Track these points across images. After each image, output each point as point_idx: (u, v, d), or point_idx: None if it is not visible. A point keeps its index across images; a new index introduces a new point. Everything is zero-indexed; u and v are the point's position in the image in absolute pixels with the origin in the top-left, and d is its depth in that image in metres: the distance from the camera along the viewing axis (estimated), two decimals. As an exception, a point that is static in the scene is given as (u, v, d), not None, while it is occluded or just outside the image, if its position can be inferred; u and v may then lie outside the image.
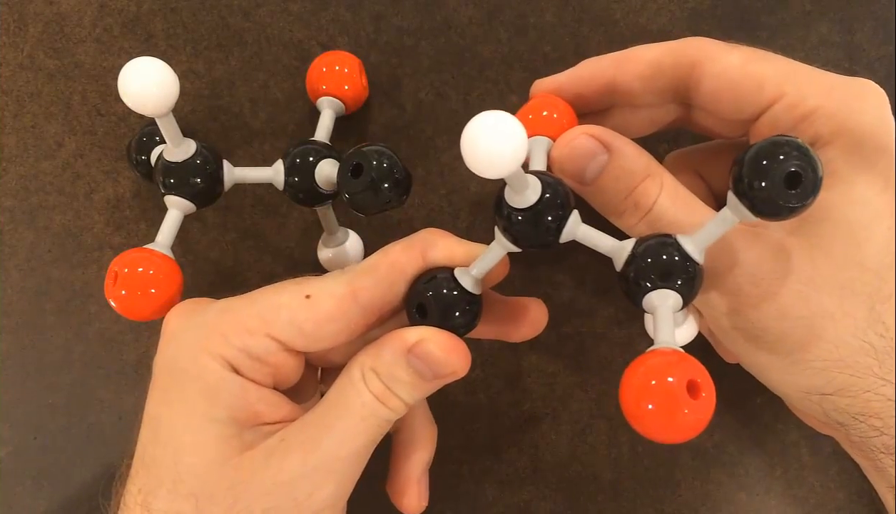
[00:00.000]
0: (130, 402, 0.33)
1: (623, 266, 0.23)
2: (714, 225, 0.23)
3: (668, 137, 0.31)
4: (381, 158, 0.24)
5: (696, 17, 0.30)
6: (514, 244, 0.23)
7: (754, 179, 0.21)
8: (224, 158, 0.27)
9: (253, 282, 0.32)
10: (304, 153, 0.27)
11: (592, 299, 0.32)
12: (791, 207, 0.21)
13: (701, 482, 0.32)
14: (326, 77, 0.30)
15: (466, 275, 0.24)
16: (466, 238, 0.32)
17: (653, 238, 0.23)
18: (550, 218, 0.22)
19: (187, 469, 0.22)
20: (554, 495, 0.33)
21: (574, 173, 0.24)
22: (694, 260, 0.22)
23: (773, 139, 0.21)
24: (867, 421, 0.23)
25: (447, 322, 0.24)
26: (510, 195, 0.22)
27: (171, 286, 0.25)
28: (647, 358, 0.20)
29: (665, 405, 0.19)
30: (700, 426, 0.19)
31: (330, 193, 0.27)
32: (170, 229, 0.26)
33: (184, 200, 0.26)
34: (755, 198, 0.21)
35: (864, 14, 0.30)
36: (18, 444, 0.33)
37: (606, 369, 0.32)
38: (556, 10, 0.31)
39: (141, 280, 0.24)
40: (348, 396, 0.23)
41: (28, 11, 0.32)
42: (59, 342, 0.33)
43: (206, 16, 0.31)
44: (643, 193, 0.24)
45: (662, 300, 0.22)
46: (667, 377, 0.19)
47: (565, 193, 0.23)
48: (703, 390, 0.19)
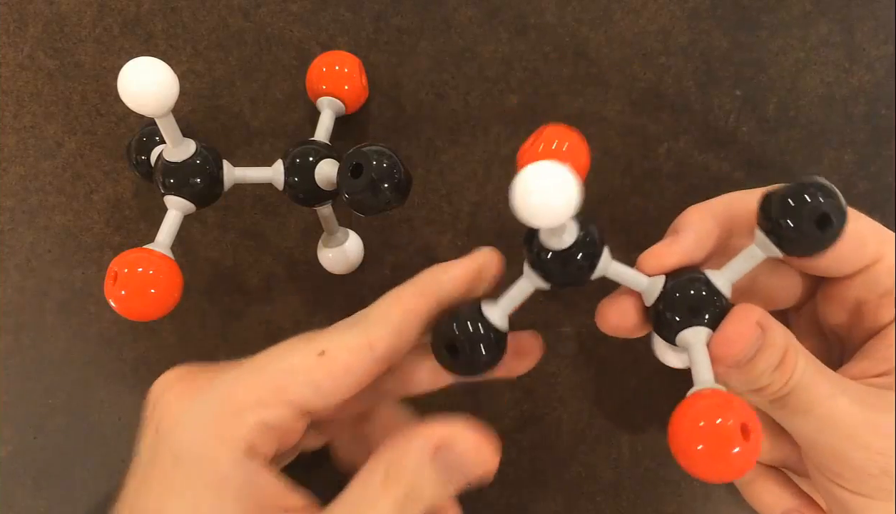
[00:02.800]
0: (130, 402, 0.33)
1: (654, 301, 0.23)
2: (742, 260, 0.23)
3: (668, 137, 0.31)
4: (381, 158, 0.24)
5: (696, 17, 0.30)
6: (545, 281, 0.23)
7: (785, 218, 0.22)
8: (224, 158, 0.27)
9: (253, 282, 0.32)
10: (303, 153, 0.27)
11: (592, 298, 0.32)
12: (821, 248, 0.22)
13: (701, 482, 0.32)
14: (326, 77, 0.30)
15: (494, 309, 0.24)
16: (466, 238, 0.32)
17: (684, 274, 0.23)
18: (585, 258, 0.22)
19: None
20: (554, 495, 0.33)
21: (738, 363, 0.23)
22: (723, 295, 0.23)
23: (802, 180, 0.22)
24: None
25: (477, 361, 0.23)
26: (547, 238, 0.22)
27: (170, 286, 0.25)
28: (697, 401, 0.20)
29: (720, 447, 0.19)
30: (750, 466, 0.20)
31: (330, 193, 0.27)
32: (170, 229, 0.26)
33: (183, 200, 0.26)
34: (784, 236, 0.22)
35: (864, 14, 0.30)
36: (18, 444, 0.33)
37: (606, 369, 0.32)
38: (556, 10, 0.31)
39: (141, 280, 0.24)
40: (369, 501, 0.21)
41: (28, 11, 0.32)
42: (59, 342, 0.33)
43: (206, 16, 0.31)
44: (788, 363, 0.23)
45: (697, 338, 0.23)
46: (726, 420, 0.19)
47: (599, 232, 0.23)
48: (752, 431, 0.20)
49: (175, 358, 0.33)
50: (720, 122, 0.31)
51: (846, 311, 0.26)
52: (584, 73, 0.31)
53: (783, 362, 0.23)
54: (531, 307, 0.32)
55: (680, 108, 0.31)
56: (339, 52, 0.31)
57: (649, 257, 0.24)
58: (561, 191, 0.19)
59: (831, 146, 0.31)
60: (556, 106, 0.31)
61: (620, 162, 0.31)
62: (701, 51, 0.31)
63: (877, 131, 0.31)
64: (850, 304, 0.26)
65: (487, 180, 0.32)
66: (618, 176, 0.31)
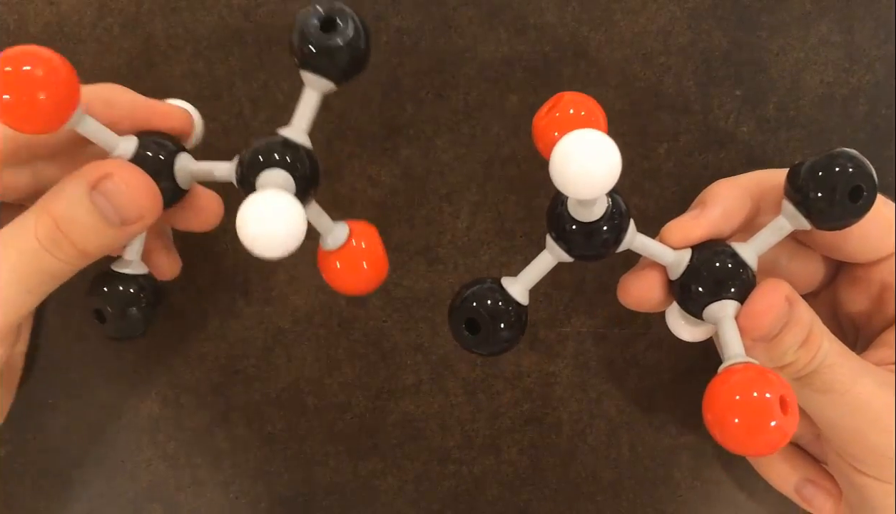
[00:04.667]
0: (130, 402, 0.33)
1: (680, 275, 0.23)
2: (769, 233, 0.23)
3: (668, 137, 0.31)
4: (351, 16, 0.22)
5: (696, 17, 0.30)
6: (569, 254, 0.23)
7: (817, 190, 0.21)
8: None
9: (253, 282, 0.32)
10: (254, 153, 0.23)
11: (592, 299, 0.32)
12: (852, 220, 0.21)
13: (701, 482, 0.32)
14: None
15: (515, 285, 0.23)
16: (466, 238, 0.32)
17: (709, 247, 0.23)
18: (612, 231, 0.22)
19: None
20: (554, 495, 0.33)
21: (766, 337, 0.23)
22: (750, 268, 0.23)
23: (832, 152, 0.22)
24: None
25: (499, 338, 0.22)
26: (576, 209, 0.22)
27: (64, 89, 0.20)
28: (731, 374, 0.20)
29: (758, 420, 0.19)
30: (787, 439, 0.19)
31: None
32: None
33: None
34: (813, 208, 0.21)
35: (864, 14, 0.30)
36: (18, 444, 0.33)
37: (606, 369, 0.32)
38: (556, 10, 0.31)
39: (27, 82, 0.20)
40: (15, 238, 0.21)
41: (28, 11, 0.32)
42: (59, 342, 0.33)
43: (206, 16, 0.31)
44: (813, 341, 0.23)
45: (725, 311, 0.22)
46: (763, 393, 0.19)
47: (625, 204, 0.22)
48: (790, 404, 0.19)
49: (175, 358, 0.33)
50: (720, 122, 0.31)
51: (868, 298, 0.26)
52: (584, 73, 0.31)
53: (808, 339, 0.23)
54: (530, 307, 0.32)
55: (680, 108, 0.31)
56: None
57: (675, 229, 0.24)
58: (604, 161, 0.18)
59: (831, 146, 0.31)
60: (556, 106, 0.31)
61: (620, 162, 0.31)
62: (701, 51, 0.31)
63: (877, 131, 0.31)
64: (873, 290, 0.26)
65: (487, 180, 0.32)
66: (618, 176, 0.31)
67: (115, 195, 0.21)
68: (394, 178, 0.32)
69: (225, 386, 0.33)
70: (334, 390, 0.33)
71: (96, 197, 0.21)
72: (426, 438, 0.33)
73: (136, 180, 0.21)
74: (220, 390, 0.33)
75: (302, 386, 0.33)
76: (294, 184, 0.22)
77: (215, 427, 0.33)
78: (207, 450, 0.33)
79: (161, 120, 0.24)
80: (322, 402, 0.33)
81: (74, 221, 0.21)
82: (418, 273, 0.32)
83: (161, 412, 0.33)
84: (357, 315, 0.32)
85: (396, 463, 0.33)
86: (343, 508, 0.33)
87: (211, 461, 0.33)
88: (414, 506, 0.33)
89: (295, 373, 0.33)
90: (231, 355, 0.33)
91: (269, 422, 0.33)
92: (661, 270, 0.24)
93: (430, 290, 0.32)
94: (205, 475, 0.33)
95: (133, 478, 0.33)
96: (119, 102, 0.23)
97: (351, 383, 0.33)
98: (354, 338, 0.32)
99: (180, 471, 0.33)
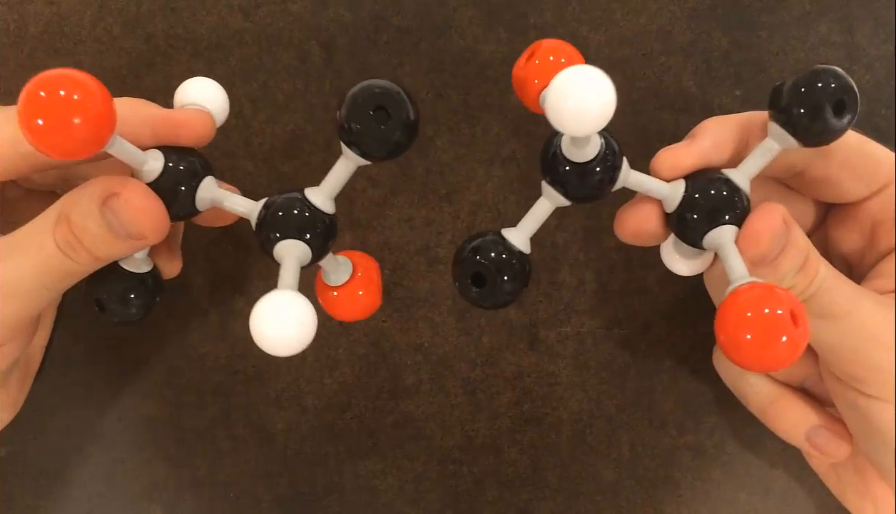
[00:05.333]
0: (130, 402, 0.33)
1: (677, 207, 0.23)
2: (758, 155, 0.23)
3: (668, 137, 0.31)
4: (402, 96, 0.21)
5: (696, 16, 0.30)
6: (565, 197, 0.22)
7: (800, 107, 0.22)
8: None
9: (254, 283, 0.32)
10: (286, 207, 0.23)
11: (592, 299, 0.32)
12: (839, 132, 0.22)
13: (701, 482, 0.32)
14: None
15: (516, 234, 0.23)
16: (466, 238, 0.32)
17: (703, 176, 0.23)
18: (607, 169, 0.22)
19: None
20: (554, 495, 0.33)
21: (765, 258, 0.23)
22: (744, 192, 0.23)
23: (813, 69, 0.22)
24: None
25: (505, 289, 0.22)
26: (569, 150, 0.22)
27: (100, 116, 0.20)
28: (740, 294, 0.20)
29: (771, 335, 0.19)
30: (800, 352, 0.19)
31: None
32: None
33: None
34: (799, 124, 0.22)
35: (864, 14, 0.30)
36: (18, 444, 0.33)
37: (606, 370, 0.32)
38: (556, 10, 0.31)
39: (63, 107, 0.19)
40: (36, 236, 0.23)
41: (28, 11, 0.32)
42: (59, 342, 0.33)
43: (206, 16, 0.31)
44: (811, 266, 0.23)
45: (725, 236, 0.23)
46: (774, 309, 0.19)
47: (618, 143, 0.22)
48: (800, 317, 0.19)
49: (175, 358, 0.33)
50: (720, 122, 0.31)
51: (860, 235, 0.26)
52: (584, 73, 0.31)
53: (806, 264, 0.23)
54: (530, 307, 0.32)
55: (680, 108, 0.31)
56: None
57: (665, 158, 0.24)
58: (600, 96, 0.18)
59: (831, 146, 0.31)
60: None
61: (620, 162, 0.31)
62: (701, 51, 0.31)
63: (877, 131, 0.31)
64: (864, 227, 0.26)
65: (487, 180, 0.32)
66: (618, 176, 0.31)
67: (120, 213, 0.22)
68: (394, 178, 0.32)
69: (225, 386, 0.33)
70: (334, 390, 0.33)
71: (106, 211, 0.22)
72: (426, 438, 0.33)
73: (141, 203, 0.22)
74: (220, 390, 0.33)
75: (302, 386, 0.33)
76: (311, 254, 0.23)
77: (215, 427, 0.33)
78: (207, 450, 0.33)
79: (186, 134, 0.24)
80: (322, 402, 0.33)
81: (87, 230, 0.22)
82: (418, 273, 0.32)
83: (161, 412, 0.33)
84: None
85: (396, 463, 0.33)
86: (343, 508, 0.33)
87: (211, 461, 0.33)
88: (414, 506, 0.33)
89: (295, 373, 0.33)
90: (231, 355, 0.33)
91: (269, 422, 0.33)
92: (657, 202, 0.24)
93: (430, 290, 0.32)
94: (205, 475, 0.33)
95: (133, 478, 0.33)
96: (141, 117, 0.24)
97: (351, 383, 0.33)
98: (354, 338, 0.32)
99: (180, 471, 0.33)
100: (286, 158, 0.32)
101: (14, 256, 0.23)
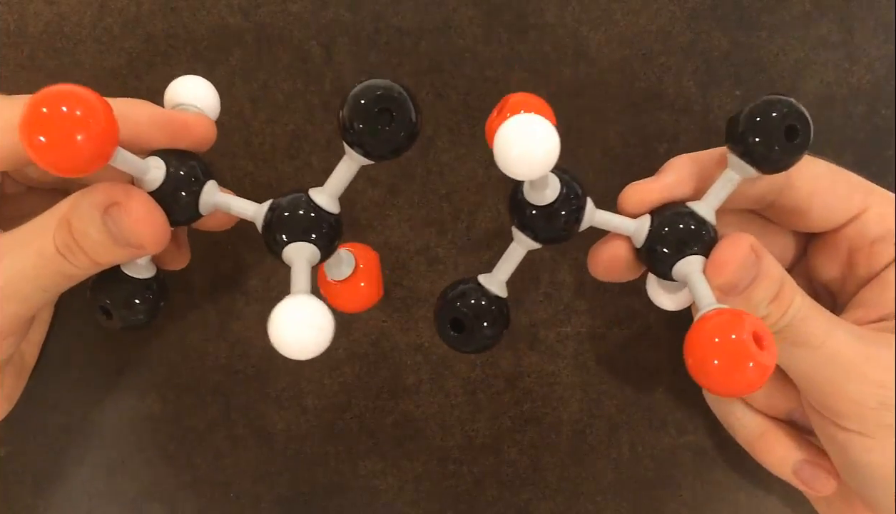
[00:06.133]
0: (130, 402, 0.33)
1: (644, 241, 0.24)
2: (719, 186, 0.24)
3: (668, 137, 0.31)
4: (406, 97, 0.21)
5: (696, 17, 0.30)
6: (535, 241, 0.23)
7: (755, 136, 0.22)
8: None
9: (254, 283, 0.32)
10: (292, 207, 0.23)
11: (592, 299, 0.32)
12: (794, 158, 0.23)
13: (701, 482, 0.32)
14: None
15: (492, 280, 0.24)
16: (466, 238, 0.32)
17: (668, 210, 0.24)
18: (571, 210, 0.23)
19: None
20: (554, 495, 0.33)
21: (735, 287, 0.23)
22: (710, 223, 0.24)
23: (765, 99, 0.23)
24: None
25: (483, 335, 0.23)
26: (530, 195, 0.23)
27: (102, 133, 0.20)
28: (706, 321, 0.21)
29: (737, 359, 0.20)
30: (768, 374, 0.20)
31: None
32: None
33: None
34: (755, 152, 0.23)
35: (864, 14, 0.30)
36: (18, 444, 0.33)
37: (606, 369, 0.32)
38: (556, 10, 0.31)
39: (67, 123, 0.19)
40: (36, 237, 0.23)
41: (28, 11, 0.32)
42: (58, 342, 0.33)
43: (206, 16, 0.31)
44: (785, 295, 0.23)
45: (692, 266, 0.23)
46: (740, 334, 0.20)
47: (580, 184, 0.23)
48: (764, 337, 0.20)
49: (175, 358, 0.33)
50: (720, 122, 0.31)
51: (838, 263, 0.27)
52: (584, 73, 0.31)
53: (780, 294, 0.23)
54: (530, 307, 0.32)
55: (680, 108, 0.31)
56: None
57: (632, 193, 0.25)
58: (541, 141, 0.19)
59: (831, 146, 0.31)
60: (557, 106, 0.31)
61: (620, 162, 0.31)
62: (701, 51, 0.31)
63: (877, 131, 0.31)
64: (842, 255, 0.26)
65: (487, 180, 0.32)
66: (618, 176, 0.31)
67: (121, 223, 0.22)
68: (394, 178, 0.32)
69: (225, 386, 0.33)
70: (334, 390, 0.33)
71: (107, 219, 0.22)
72: (426, 438, 0.33)
73: (142, 214, 0.22)
74: (220, 390, 0.33)
75: (302, 386, 0.33)
76: (319, 254, 0.23)
77: (215, 427, 0.33)
78: (207, 450, 0.33)
79: (186, 136, 0.25)
80: (322, 402, 0.33)
81: (88, 236, 0.22)
82: (418, 273, 0.32)
83: (161, 412, 0.33)
84: (357, 315, 0.32)
85: (396, 463, 0.33)
86: (343, 508, 0.33)
87: (211, 461, 0.33)
88: (414, 506, 0.33)
89: (295, 373, 0.33)
90: (231, 355, 0.33)
91: (269, 422, 0.33)
92: (626, 239, 0.25)
93: (430, 290, 0.32)
94: (205, 475, 0.33)
95: (133, 478, 0.33)
96: (140, 119, 0.24)
97: (351, 383, 0.33)
98: (355, 338, 0.32)
99: (180, 471, 0.33)
100: (286, 158, 0.32)
101: (13, 256, 0.23)
